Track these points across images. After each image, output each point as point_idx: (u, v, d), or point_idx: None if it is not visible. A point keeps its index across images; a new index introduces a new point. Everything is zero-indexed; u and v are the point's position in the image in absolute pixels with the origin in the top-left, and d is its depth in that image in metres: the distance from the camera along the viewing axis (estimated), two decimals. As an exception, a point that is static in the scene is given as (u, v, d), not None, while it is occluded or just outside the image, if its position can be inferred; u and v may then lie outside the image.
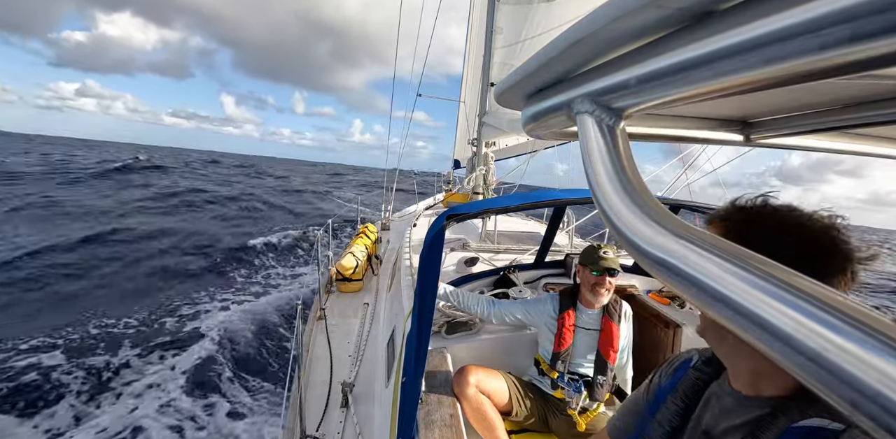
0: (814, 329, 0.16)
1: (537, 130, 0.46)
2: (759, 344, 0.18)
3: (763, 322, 0.18)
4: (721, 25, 0.21)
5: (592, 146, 0.31)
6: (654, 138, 0.49)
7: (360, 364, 2.65)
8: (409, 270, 2.81)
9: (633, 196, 0.27)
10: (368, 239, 4.83)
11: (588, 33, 0.27)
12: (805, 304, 0.17)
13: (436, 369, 1.88)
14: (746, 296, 0.18)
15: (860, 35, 0.15)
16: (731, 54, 0.20)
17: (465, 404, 1.69)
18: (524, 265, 2.72)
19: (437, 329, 2.13)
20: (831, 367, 0.15)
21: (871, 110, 0.40)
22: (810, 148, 0.54)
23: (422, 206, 6.33)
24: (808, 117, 0.46)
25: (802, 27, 0.17)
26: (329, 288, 4.06)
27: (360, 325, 3.21)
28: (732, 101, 0.43)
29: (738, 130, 0.53)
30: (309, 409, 2.23)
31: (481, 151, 4.52)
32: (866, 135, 0.53)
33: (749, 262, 0.19)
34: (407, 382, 1.27)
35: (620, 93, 0.29)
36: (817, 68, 0.18)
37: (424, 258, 1.18)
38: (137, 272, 8.27)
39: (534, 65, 0.36)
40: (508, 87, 0.44)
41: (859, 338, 0.15)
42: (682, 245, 0.22)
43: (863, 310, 0.15)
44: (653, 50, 0.25)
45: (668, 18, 0.23)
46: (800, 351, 0.16)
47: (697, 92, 0.24)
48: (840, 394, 0.15)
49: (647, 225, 0.25)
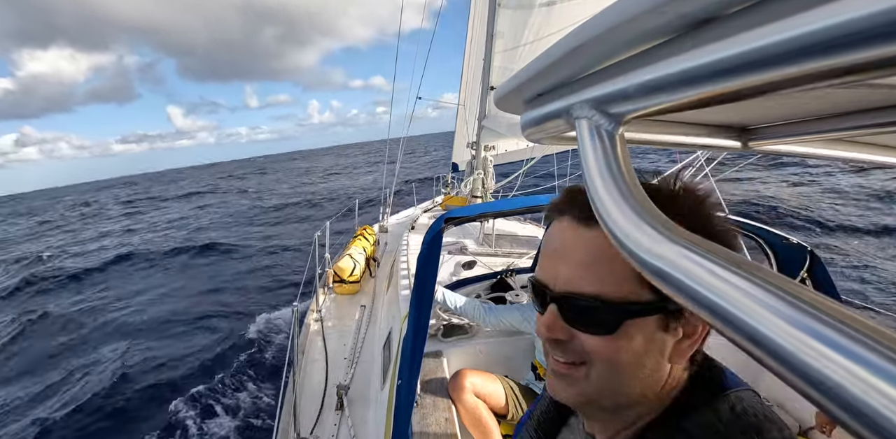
0: (816, 347, 0.15)
1: (536, 135, 0.46)
2: (752, 353, 0.18)
3: (756, 332, 0.17)
4: (722, 32, 0.21)
5: (590, 151, 0.31)
6: (652, 143, 0.49)
7: (355, 366, 2.64)
8: (406, 273, 2.81)
9: (631, 202, 0.27)
10: (367, 240, 4.82)
11: (588, 38, 0.27)
12: (806, 316, 0.16)
13: (432, 372, 1.88)
14: (749, 308, 0.18)
15: (860, 43, 0.15)
16: (731, 61, 0.20)
17: (460, 408, 1.68)
18: (522, 268, 2.72)
19: (434, 332, 2.12)
20: (840, 392, 0.14)
21: (870, 118, 0.40)
22: (808, 155, 0.54)
23: (420, 209, 6.33)
24: (806, 124, 0.47)
25: (803, 35, 0.17)
26: (326, 289, 4.05)
27: (357, 327, 3.19)
28: (731, 108, 0.43)
29: (736, 137, 0.53)
30: (303, 412, 2.22)
31: (480, 155, 4.52)
32: (865, 143, 0.53)
33: (752, 272, 0.19)
34: (402, 385, 1.26)
35: (620, 98, 0.29)
36: (817, 76, 0.18)
37: (422, 261, 1.18)
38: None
39: (533, 69, 0.37)
40: (508, 91, 0.44)
41: (866, 359, 0.14)
42: (679, 253, 0.22)
43: (876, 327, 0.15)
44: (653, 56, 0.25)
45: (668, 24, 0.23)
46: (804, 370, 0.16)
47: (697, 98, 0.24)
48: (842, 415, 0.15)
49: (644, 232, 0.25)
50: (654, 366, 0.45)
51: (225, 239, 14.36)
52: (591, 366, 0.45)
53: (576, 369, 0.46)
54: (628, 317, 0.42)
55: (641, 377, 0.45)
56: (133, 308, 9.01)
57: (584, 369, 0.45)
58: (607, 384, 0.45)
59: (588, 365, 0.45)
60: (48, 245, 18.36)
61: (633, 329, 0.43)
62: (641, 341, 0.43)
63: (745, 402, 0.44)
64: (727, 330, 0.19)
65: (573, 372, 0.46)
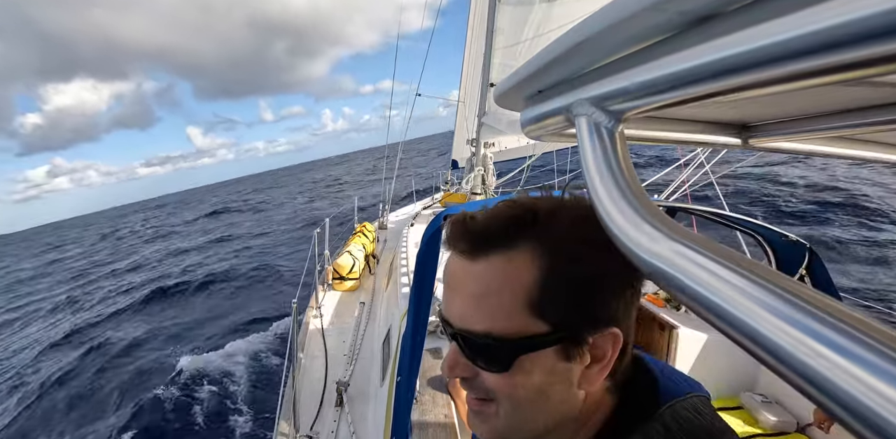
0: (813, 345, 0.15)
1: (536, 132, 0.46)
2: (750, 350, 0.18)
3: (753, 329, 0.17)
4: (720, 30, 0.20)
5: (590, 149, 0.31)
6: (652, 141, 0.49)
7: (355, 363, 2.64)
8: (405, 270, 2.81)
9: (630, 199, 0.27)
10: (366, 238, 4.82)
11: (588, 36, 0.27)
12: (804, 314, 0.16)
13: (431, 369, 1.88)
14: (747, 306, 0.18)
15: (859, 41, 0.15)
16: (730, 59, 0.20)
17: (459, 404, 1.69)
18: None
19: (433, 329, 2.12)
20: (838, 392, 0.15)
21: (870, 115, 0.40)
22: (808, 152, 0.54)
23: (419, 206, 6.32)
24: (806, 121, 0.47)
25: (802, 33, 0.17)
26: (325, 286, 4.05)
27: (356, 324, 3.20)
28: (731, 105, 0.43)
29: (735, 134, 0.53)
30: (303, 408, 2.23)
31: (480, 152, 4.52)
32: (864, 140, 0.53)
33: (750, 269, 0.19)
34: (402, 382, 1.26)
35: (620, 96, 0.29)
36: (816, 74, 0.18)
37: (421, 258, 1.18)
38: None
39: (534, 66, 0.36)
40: (508, 88, 0.43)
41: (867, 359, 0.14)
42: (677, 250, 0.22)
43: (874, 325, 0.15)
44: (652, 53, 0.25)
45: (668, 22, 0.23)
46: (807, 371, 0.16)
47: (696, 96, 0.24)
48: (842, 415, 0.15)
49: (643, 229, 0.25)
50: (562, 397, 0.42)
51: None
52: (498, 403, 0.43)
53: (486, 405, 0.44)
54: (521, 353, 0.40)
55: (549, 409, 0.43)
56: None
57: (493, 406, 0.43)
58: (515, 420, 0.43)
59: (496, 402, 0.43)
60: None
61: (528, 363, 0.40)
62: (540, 374, 0.41)
63: (681, 417, 0.41)
64: (725, 327, 0.19)
65: (485, 409, 0.44)
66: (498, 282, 0.40)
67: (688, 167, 4.16)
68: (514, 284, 0.40)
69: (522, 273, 0.40)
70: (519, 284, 0.40)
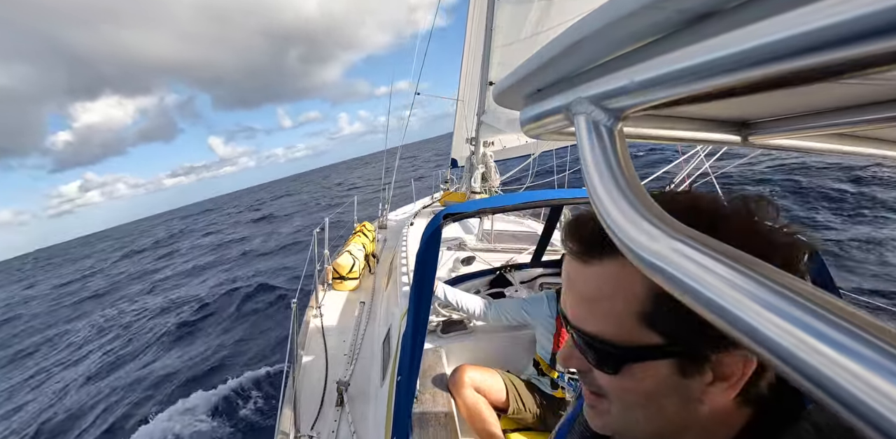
0: (814, 343, 0.15)
1: (535, 131, 0.46)
2: (751, 349, 0.18)
3: (753, 328, 0.17)
4: (721, 27, 0.20)
5: (589, 147, 0.31)
6: (651, 139, 0.49)
7: (355, 362, 2.65)
8: (405, 269, 2.81)
9: (629, 198, 0.27)
10: (366, 237, 4.82)
11: (587, 34, 0.27)
12: (804, 311, 0.16)
13: (431, 368, 1.88)
14: (746, 304, 0.18)
15: (860, 38, 0.15)
16: (730, 56, 0.20)
17: (460, 403, 1.69)
18: (521, 264, 2.72)
19: (433, 328, 2.13)
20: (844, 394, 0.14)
21: (873, 111, 0.40)
22: (809, 149, 0.54)
23: (419, 205, 6.32)
24: (807, 118, 0.46)
25: (803, 30, 0.17)
26: (325, 286, 4.06)
27: (356, 324, 3.20)
28: (731, 103, 0.43)
29: (735, 131, 0.53)
30: (303, 408, 2.23)
31: (479, 150, 4.51)
32: (867, 137, 0.53)
33: (750, 267, 0.19)
34: (402, 381, 1.27)
35: (619, 94, 0.29)
36: (817, 71, 0.18)
37: (421, 257, 1.18)
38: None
39: (533, 65, 0.36)
40: (507, 86, 0.43)
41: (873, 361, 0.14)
42: (677, 248, 0.22)
43: (875, 323, 0.15)
44: (651, 51, 0.25)
45: (667, 20, 0.23)
46: (815, 374, 0.15)
47: (696, 93, 0.24)
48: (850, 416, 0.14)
49: (642, 227, 0.25)
50: (677, 408, 0.40)
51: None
52: (610, 401, 0.42)
53: (599, 401, 0.44)
54: (630, 361, 0.39)
55: (663, 417, 0.41)
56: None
57: (606, 402, 0.43)
58: (627, 421, 0.42)
59: (608, 400, 0.43)
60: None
61: (639, 371, 0.39)
62: (652, 384, 0.39)
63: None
64: (725, 325, 0.19)
65: (598, 404, 0.44)
66: (610, 287, 0.40)
67: (688, 164, 4.16)
68: (626, 292, 0.39)
69: (636, 281, 0.38)
70: (632, 293, 0.38)
